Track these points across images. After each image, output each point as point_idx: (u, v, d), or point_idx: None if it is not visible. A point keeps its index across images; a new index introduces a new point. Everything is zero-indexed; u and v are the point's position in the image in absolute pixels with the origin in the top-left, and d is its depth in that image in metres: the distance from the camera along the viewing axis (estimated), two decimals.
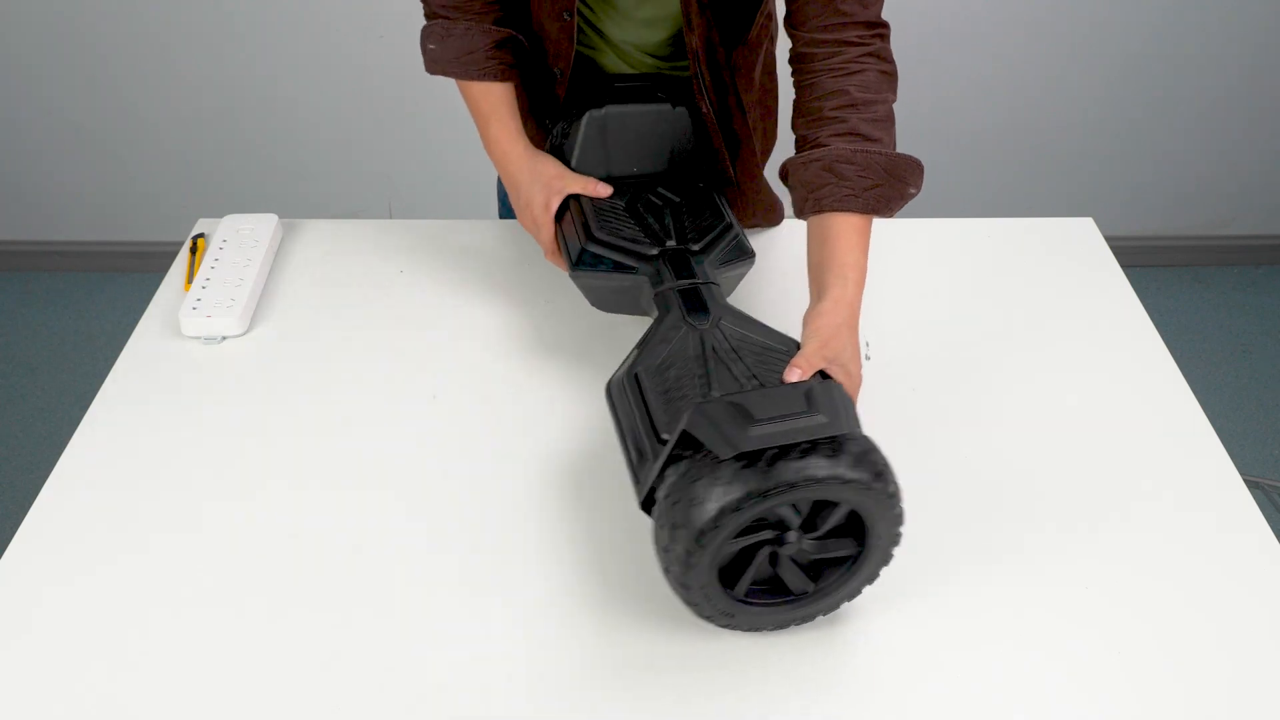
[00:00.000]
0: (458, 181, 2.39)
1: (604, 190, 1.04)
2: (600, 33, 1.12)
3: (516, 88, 1.11)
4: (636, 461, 0.81)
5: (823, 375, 0.82)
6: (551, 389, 1.03)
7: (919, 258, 1.21)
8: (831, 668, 0.79)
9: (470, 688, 0.78)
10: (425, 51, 1.10)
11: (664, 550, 0.74)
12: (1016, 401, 1.02)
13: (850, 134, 0.92)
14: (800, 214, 0.95)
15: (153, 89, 2.26)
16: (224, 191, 2.41)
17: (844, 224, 0.91)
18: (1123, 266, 1.20)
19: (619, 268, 0.98)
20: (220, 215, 1.24)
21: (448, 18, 1.07)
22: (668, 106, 1.06)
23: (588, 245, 0.99)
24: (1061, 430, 0.99)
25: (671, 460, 0.76)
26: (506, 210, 1.37)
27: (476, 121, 1.11)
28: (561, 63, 1.08)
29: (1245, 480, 0.96)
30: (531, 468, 0.95)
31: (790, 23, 0.99)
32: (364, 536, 0.89)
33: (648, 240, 0.99)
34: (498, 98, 1.08)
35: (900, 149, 0.93)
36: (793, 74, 1.00)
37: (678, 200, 1.05)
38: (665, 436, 0.79)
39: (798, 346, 0.85)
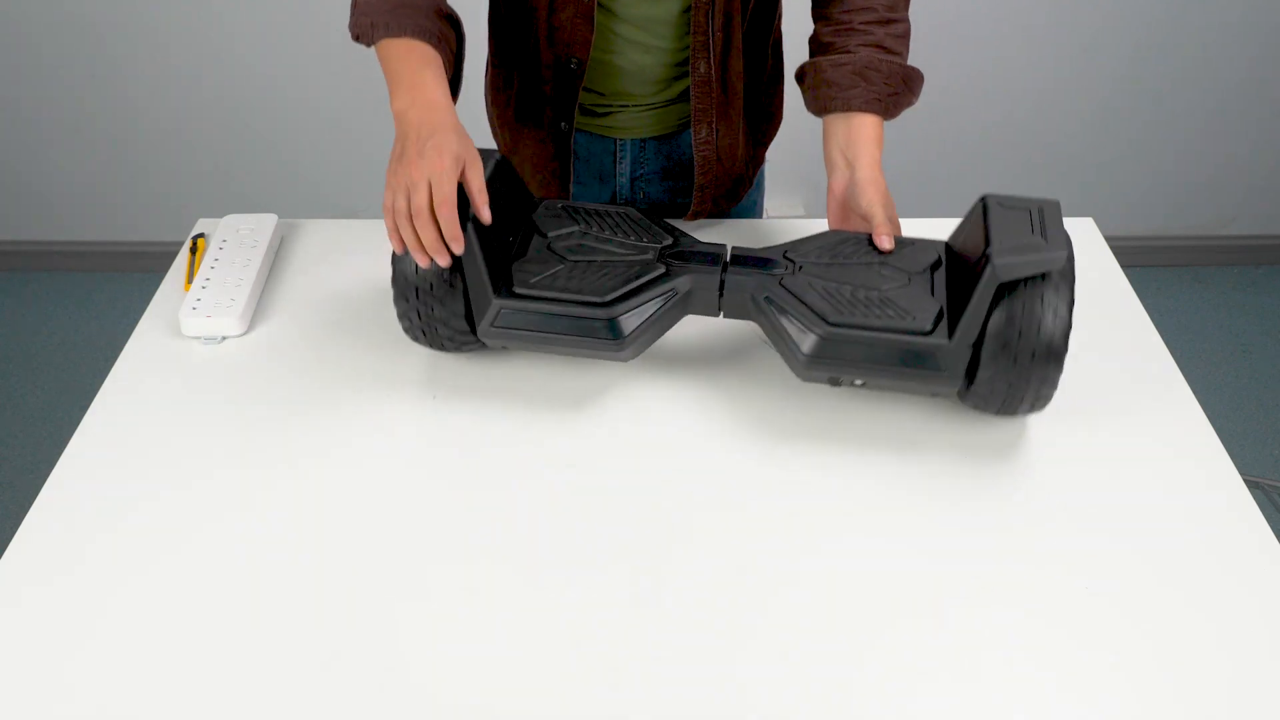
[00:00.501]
0: None
1: (484, 215, 0.90)
2: (610, 10, 1.09)
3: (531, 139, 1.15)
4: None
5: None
6: (552, 389, 1.03)
7: None
8: (829, 670, 0.79)
9: (471, 687, 0.78)
10: (356, 6, 0.97)
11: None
12: None
13: (877, 46, 1.06)
14: (822, 109, 1.06)
15: (153, 89, 2.26)
16: (224, 191, 2.41)
17: (865, 121, 1.04)
18: (1123, 266, 1.20)
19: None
20: (220, 215, 1.24)
21: None
22: (989, 251, 0.86)
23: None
24: (1061, 430, 0.99)
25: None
26: None
27: (396, 72, 0.93)
28: (579, 51, 1.07)
29: (1245, 480, 0.96)
30: (532, 468, 0.95)
31: None
32: (364, 536, 0.89)
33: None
34: (429, 54, 0.94)
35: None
36: None
37: (879, 291, 0.91)
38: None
39: (591, 303, 0.91)
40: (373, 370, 1.05)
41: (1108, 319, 1.13)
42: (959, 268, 0.92)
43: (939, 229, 1.26)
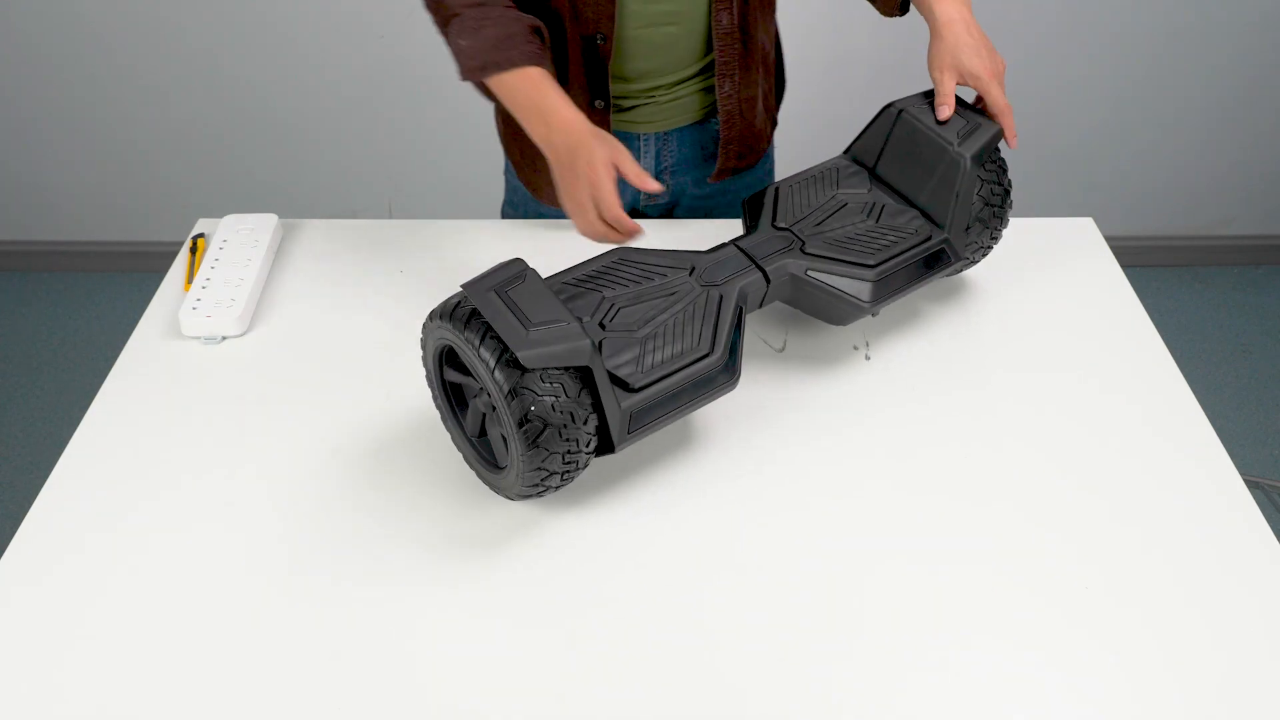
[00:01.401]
0: (458, 181, 2.39)
1: (652, 186, 0.96)
2: None
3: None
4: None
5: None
6: None
7: None
8: (828, 669, 0.79)
9: (470, 687, 0.78)
10: (458, 52, 1.02)
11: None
12: (1016, 401, 1.02)
13: None
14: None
15: (153, 89, 2.26)
16: (224, 191, 2.41)
17: None
18: (1123, 266, 1.20)
19: (758, 217, 1.03)
20: (220, 215, 1.24)
21: (477, 4, 1.02)
22: (952, 147, 1.01)
23: (769, 189, 1.04)
24: (1061, 430, 0.99)
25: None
26: (511, 210, 1.37)
27: (521, 104, 1.00)
28: (604, 25, 1.09)
29: (1245, 480, 0.96)
30: None
31: None
32: (364, 536, 0.89)
33: (797, 218, 1.01)
34: (547, 78, 1.00)
35: None
36: None
37: (878, 221, 1.02)
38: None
39: (700, 358, 0.87)
40: (372, 370, 1.05)
41: (1108, 319, 1.13)
42: (900, 171, 1.05)
43: None
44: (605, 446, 0.86)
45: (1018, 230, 1.26)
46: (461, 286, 0.81)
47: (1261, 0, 2.18)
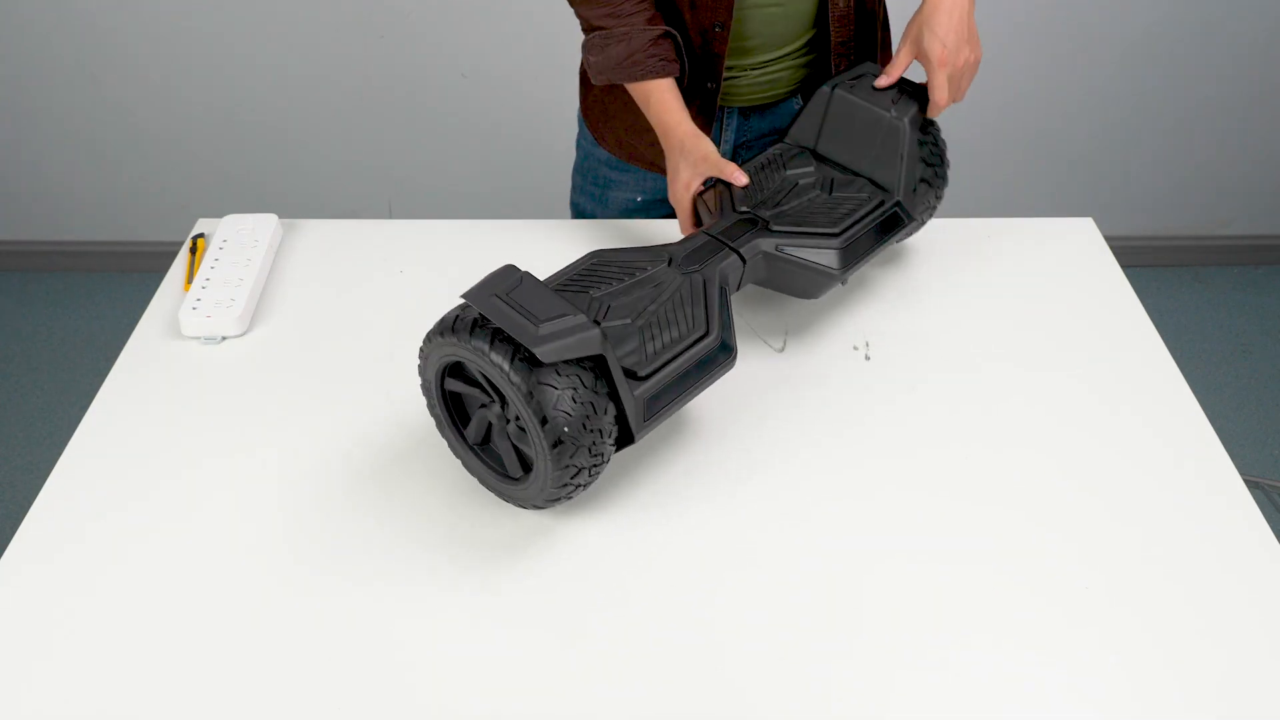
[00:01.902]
0: (458, 181, 2.39)
1: (741, 179, 1.04)
2: None
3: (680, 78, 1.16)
4: None
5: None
6: None
7: (919, 257, 1.21)
8: (827, 668, 0.79)
9: (471, 687, 0.78)
10: (588, 65, 1.16)
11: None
12: (1016, 401, 1.02)
13: None
14: None
15: (153, 89, 2.26)
16: (224, 191, 2.41)
17: None
18: (1123, 266, 1.20)
19: (717, 207, 1.05)
20: (220, 215, 1.24)
21: (604, 28, 1.12)
22: (889, 115, 1.06)
23: (711, 182, 1.06)
24: (1061, 430, 0.99)
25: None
26: (580, 178, 1.39)
27: (641, 105, 1.15)
28: (722, 14, 1.13)
29: (1245, 480, 0.96)
30: None
31: None
32: (364, 536, 0.89)
33: (755, 200, 1.03)
34: (658, 85, 1.12)
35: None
36: None
37: (831, 194, 1.06)
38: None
39: (699, 339, 0.88)
40: (372, 370, 1.05)
41: (1108, 319, 1.13)
42: (841, 146, 1.10)
43: (939, 228, 1.26)
44: (624, 438, 0.86)
45: (1018, 230, 1.26)
46: (462, 296, 0.81)
47: (1262, 1, 2.18)
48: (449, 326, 0.83)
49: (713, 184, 1.07)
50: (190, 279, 1.15)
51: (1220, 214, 2.54)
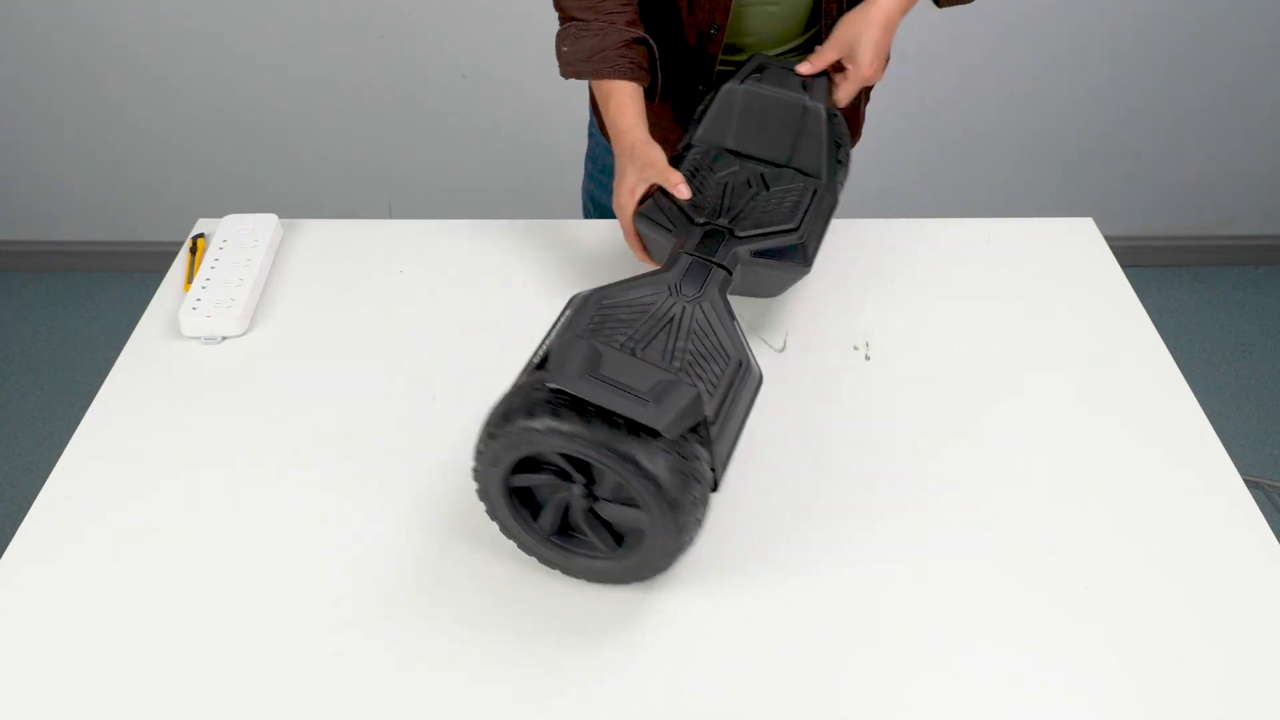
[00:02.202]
0: (458, 181, 2.39)
1: (685, 191, 1.01)
2: None
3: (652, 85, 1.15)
4: (528, 362, 0.85)
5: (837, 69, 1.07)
6: None
7: (919, 258, 1.21)
8: (830, 665, 0.79)
9: (471, 688, 0.78)
10: (559, 55, 1.13)
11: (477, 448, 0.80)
12: (1016, 401, 1.02)
13: None
14: None
15: (153, 89, 2.26)
16: (224, 191, 2.41)
17: None
18: (1123, 266, 1.20)
19: (664, 225, 1.00)
20: (220, 215, 1.24)
21: (582, 20, 1.10)
22: (805, 100, 1.07)
23: (655, 196, 1.03)
24: (1061, 430, 0.99)
25: (529, 370, 0.81)
26: (591, 164, 1.39)
27: (600, 107, 1.14)
28: (720, 17, 1.13)
29: (1245, 480, 0.96)
30: None
31: None
32: (364, 536, 0.89)
33: (705, 210, 1.01)
34: (621, 87, 1.10)
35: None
36: None
37: (769, 189, 1.05)
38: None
39: (735, 371, 0.85)
40: (372, 370, 1.05)
41: (1108, 319, 1.13)
42: (758, 140, 1.09)
43: (939, 228, 1.26)
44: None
45: (1018, 230, 1.26)
46: (552, 385, 0.75)
47: (1261, 1, 2.18)
48: (527, 413, 0.75)
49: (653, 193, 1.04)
50: (190, 279, 1.15)
51: (1220, 214, 2.54)
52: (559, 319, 0.87)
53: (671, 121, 1.28)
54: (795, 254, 1.00)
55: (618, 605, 0.84)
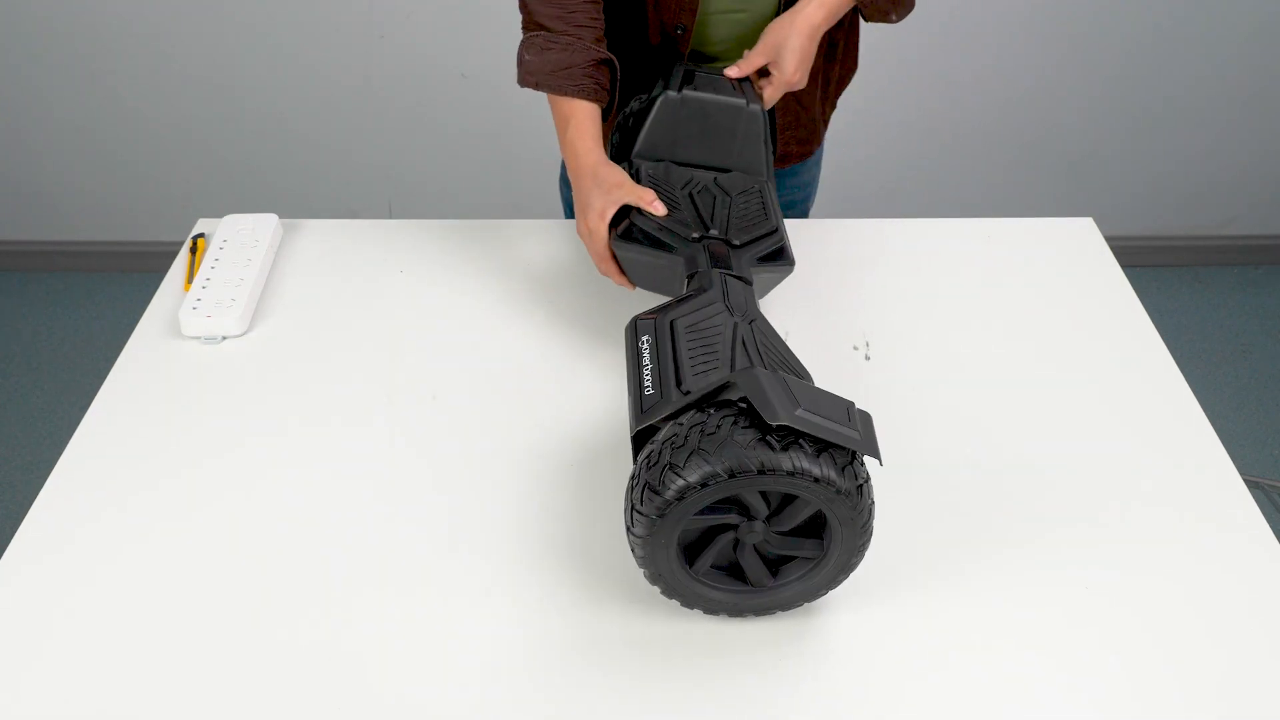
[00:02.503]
0: (458, 181, 2.39)
1: (660, 208, 1.00)
2: None
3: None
4: (648, 396, 0.81)
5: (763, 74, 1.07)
6: (552, 389, 1.03)
7: (919, 258, 1.21)
8: (829, 665, 0.79)
9: (472, 689, 0.78)
10: (521, 63, 1.11)
11: (632, 508, 0.75)
12: (1016, 401, 1.02)
13: None
14: None
15: (153, 89, 2.26)
16: (224, 191, 2.41)
17: None
18: (1123, 266, 1.20)
19: (657, 244, 0.99)
20: (220, 215, 1.24)
21: (550, 29, 1.08)
22: (744, 103, 1.07)
23: (634, 217, 1.00)
24: (1061, 430, 0.99)
25: (698, 408, 0.77)
26: (566, 199, 1.38)
27: (557, 125, 1.11)
28: (685, 18, 1.12)
29: (1245, 480, 0.96)
30: (532, 467, 0.95)
31: None
32: (364, 536, 0.89)
33: (691, 224, 1.00)
34: (582, 108, 1.08)
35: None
36: None
37: (730, 195, 1.05)
38: (687, 389, 0.79)
39: (807, 374, 0.85)
40: (372, 370, 1.05)
41: (1108, 319, 1.13)
42: (700, 147, 1.10)
43: (939, 228, 1.26)
44: None
45: (1018, 230, 1.26)
46: (778, 421, 0.71)
47: (1261, 1, 2.18)
48: (732, 471, 0.71)
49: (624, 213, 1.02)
50: (190, 279, 1.15)
51: (1220, 214, 2.54)
52: (640, 347, 0.85)
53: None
54: (782, 255, 1.00)
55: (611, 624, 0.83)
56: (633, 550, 0.77)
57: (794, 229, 1.20)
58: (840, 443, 0.72)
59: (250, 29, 2.16)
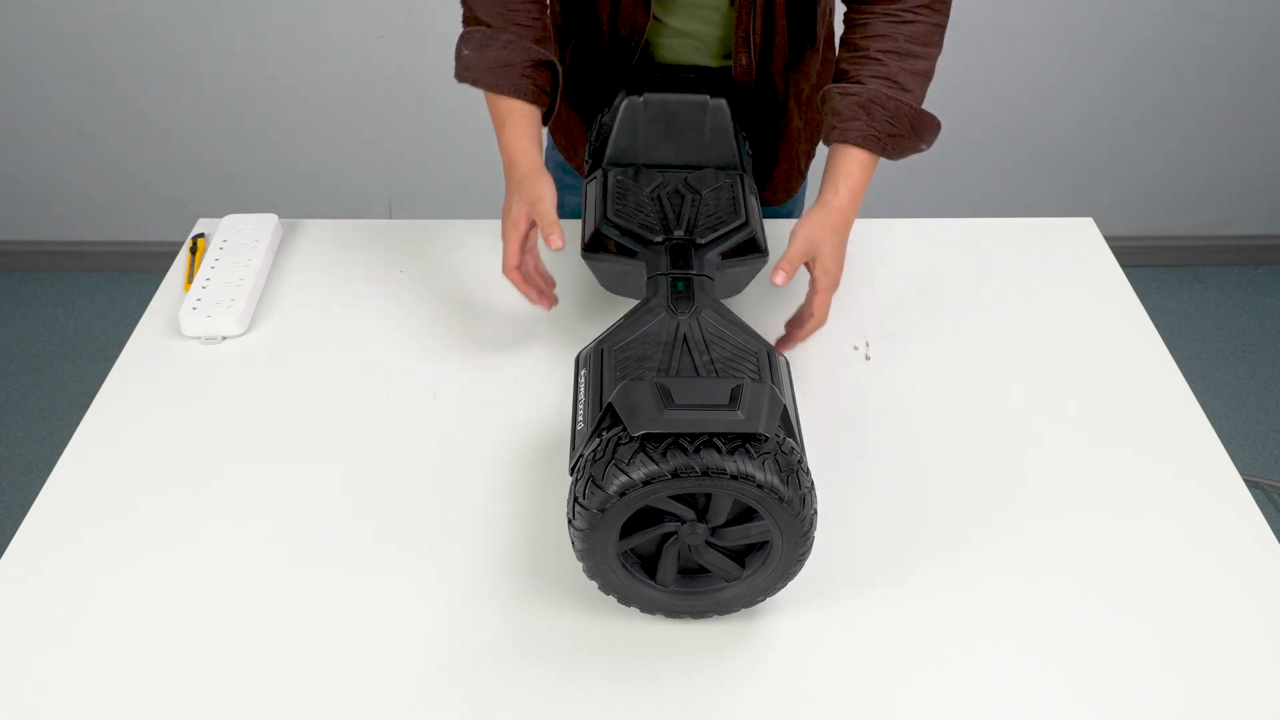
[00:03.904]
0: (458, 181, 2.39)
1: (556, 243, 0.96)
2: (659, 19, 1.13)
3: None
4: (579, 431, 0.82)
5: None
6: (552, 389, 1.03)
7: (919, 258, 1.21)
8: (828, 665, 0.79)
9: (473, 690, 0.78)
10: (459, 58, 1.08)
11: (570, 523, 0.76)
12: (1016, 401, 1.02)
13: (889, 80, 1.00)
14: (825, 140, 1.03)
15: (153, 89, 2.26)
16: (224, 191, 2.41)
17: (857, 156, 1.00)
18: (1123, 266, 1.20)
19: (623, 251, 0.98)
20: (220, 215, 1.24)
21: (490, 25, 1.05)
22: (707, 98, 1.06)
23: (601, 226, 1.00)
24: (1061, 430, 0.99)
25: (597, 433, 0.77)
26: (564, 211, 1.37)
27: (495, 124, 1.08)
28: (640, 18, 1.10)
29: (1245, 480, 0.96)
30: (532, 468, 0.95)
31: None
32: (364, 536, 0.89)
33: (656, 227, 1.00)
34: (520, 109, 1.05)
35: None
36: (845, 11, 1.04)
37: (700, 192, 1.04)
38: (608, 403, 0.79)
39: (768, 354, 0.85)
40: (372, 370, 1.05)
41: (1108, 319, 1.13)
42: (668, 148, 1.08)
43: (939, 228, 1.26)
44: None
45: (1018, 230, 1.26)
46: (640, 431, 0.72)
47: (1262, 1, 2.18)
48: (622, 472, 0.72)
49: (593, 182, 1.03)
50: (190, 279, 1.15)
51: (1220, 214, 2.54)
52: (578, 382, 0.85)
53: (580, 124, 1.25)
54: (751, 247, 0.99)
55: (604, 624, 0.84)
56: (573, 544, 0.77)
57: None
58: (717, 429, 0.72)
59: (250, 29, 2.16)
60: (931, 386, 1.04)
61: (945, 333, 1.10)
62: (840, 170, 1.00)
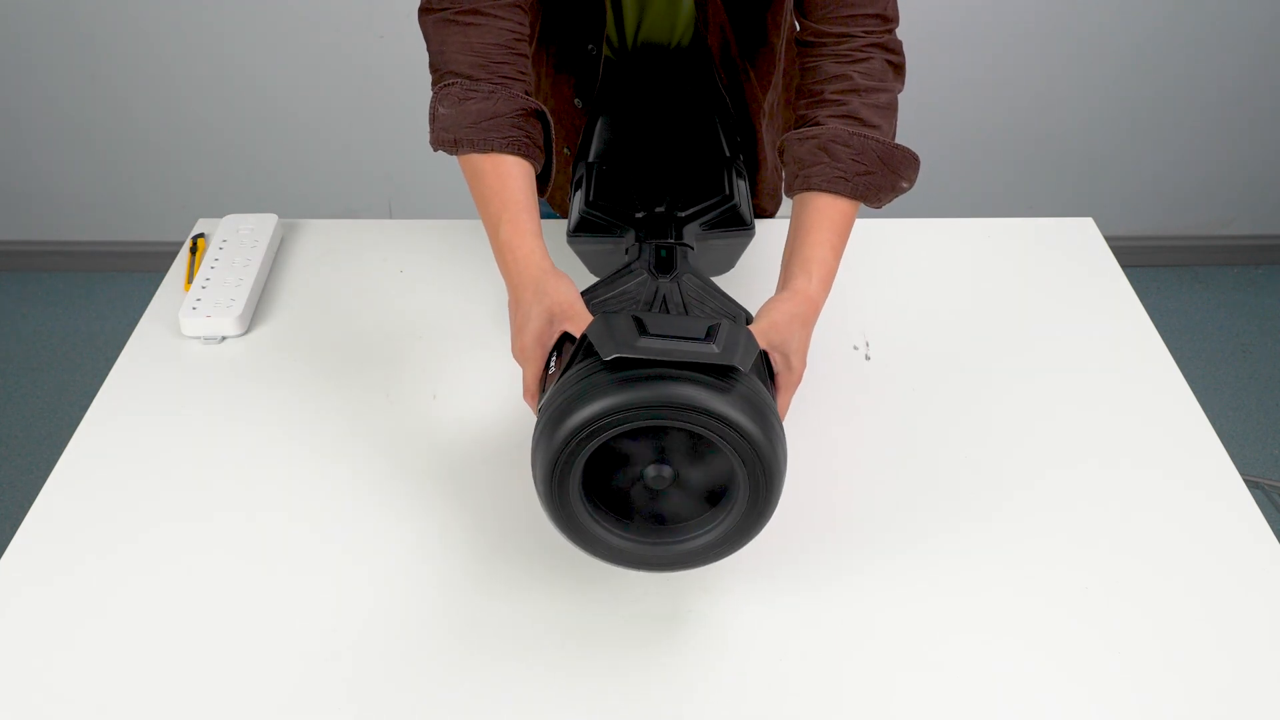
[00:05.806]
0: (458, 181, 2.39)
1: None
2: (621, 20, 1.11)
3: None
4: (548, 375, 0.80)
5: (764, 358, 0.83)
6: None
7: (919, 258, 1.21)
8: (828, 665, 0.79)
9: (474, 690, 0.78)
10: (435, 119, 0.92)
11: (532, 458, 0.74)
12: (1016, 401, 1.02)
13: (849, 117, 0.91)
14: (789, 191, 0.94)
15: (152, 89, 2.26)
16: (224, 191, 2.41)
17: (827, 208, 0.90)
18: (1123, 266, 1.20)
19: (607, 231, 0.97)
20: (220, 215, 1.24)
21: (469, 76, 0.91)
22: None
23: (585, 211, 0.98)
24: (1061, 430, 0.99)
25: (568, 370, 0.75)
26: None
27: (482, 212, 0.91)
28: (594, 37, 1.07)
29: (1245, 480, 0.96)
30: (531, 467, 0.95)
31: (799, 10, 0.98)
32: (363, 536, 0.89)
33: (638, 204, 0.99)
34: (516, 184, 0.90)
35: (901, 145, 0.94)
36: (798, 56, 0.99)
37: (684, 173, 1.03)
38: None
39: (746, 319, 0.84)
40: (372, 370, 1.05)
41: (1108, 319, 1.13)
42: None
43: (939, 228, 1.26)
44: None
45: (1018, 230, 1.26)
46: (611, 355, 0.69)
47: (1262, 1, 2.18)
48: (587, 403, 0.69)
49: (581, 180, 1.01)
50: (190, 279, 1.15)
51: (1220, 214, 2.54)
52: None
53: (569, 90, 1.13)
54: (735, 220, 0.97)
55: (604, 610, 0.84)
56: (536, 489, 0.74)
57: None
58: (691, 359, 0.69)
59: (250, 29, 2.16)
60: (931, 386, 1.04)
61: (945, 333, 1.10)
62: (804, 241, 0.89)
